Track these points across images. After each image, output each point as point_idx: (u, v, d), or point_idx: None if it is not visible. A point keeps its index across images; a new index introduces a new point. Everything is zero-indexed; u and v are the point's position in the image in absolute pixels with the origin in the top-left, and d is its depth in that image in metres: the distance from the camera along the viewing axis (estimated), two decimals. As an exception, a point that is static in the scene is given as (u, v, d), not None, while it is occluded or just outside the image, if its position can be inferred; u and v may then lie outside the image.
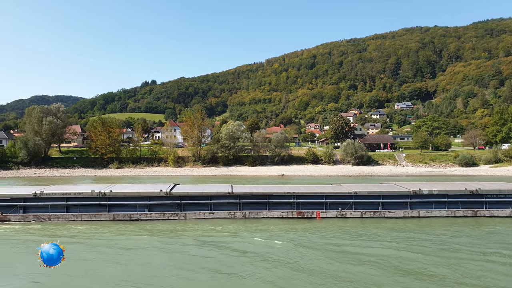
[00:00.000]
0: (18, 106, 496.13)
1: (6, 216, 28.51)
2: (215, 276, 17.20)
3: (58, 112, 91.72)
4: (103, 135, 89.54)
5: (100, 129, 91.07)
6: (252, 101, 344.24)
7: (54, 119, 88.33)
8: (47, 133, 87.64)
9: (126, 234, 24.99)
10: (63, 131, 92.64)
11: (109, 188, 30.63)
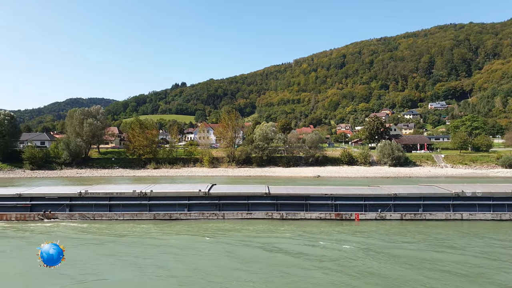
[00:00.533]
0: (54, 108, 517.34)
1: (54, 214, 29.68)
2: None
3: (97, 114, 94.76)
4: (140, 136, 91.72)
5: (138, 130, 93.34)
6: (280, 101, 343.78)
7: (94, 121, 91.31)
8: (87, 135, 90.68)
9: (182, 233, 25.40)
10: (102, 133, 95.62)
11: (150, 188, 31.25)
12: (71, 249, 21.72)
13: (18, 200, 30.41)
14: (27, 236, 25.14)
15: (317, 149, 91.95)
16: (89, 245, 22.66)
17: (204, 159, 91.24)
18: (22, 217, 29.71)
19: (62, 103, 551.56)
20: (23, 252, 21.63)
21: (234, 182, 66.94)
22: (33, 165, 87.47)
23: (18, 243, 23.64)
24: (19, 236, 25.18)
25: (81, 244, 22.92)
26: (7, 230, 26.74)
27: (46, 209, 29.78)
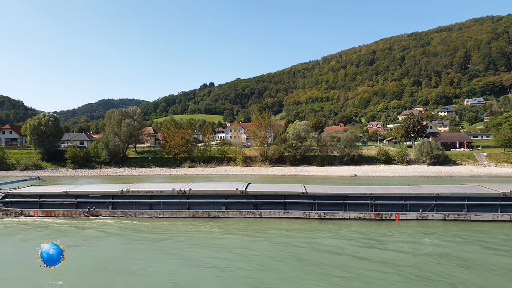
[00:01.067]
0: (87, 109, 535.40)
1: (98, 212, 30.67)
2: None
3: (134, 114, 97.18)
4: (176, 136, 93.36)
5: (173, 130, 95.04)
6: (308, 100, 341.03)
7: (132, 121, 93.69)
8: (125, 134, 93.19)
9: (234, 233, 25.54)
10: (139, 132, 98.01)
11: (188, 186, 31.61)
12: (131, 249, 22.46)
13: (65, 198, 31.61)
14: (90, 233, 25.99)
15: (353, 148, 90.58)
16: (146, 244, 23.06)
17: (237, 158, 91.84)
18: (68, 214, 30.92)
19: (95, 104, 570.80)
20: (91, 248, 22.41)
21: (268, 181, 66.97)
22: (74, 164, 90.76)
23: (76, 239, 24.52)
24: (77, 232, 26.13)
25: (137, 242, 23.40)
26: (63, 227, 27.81)
27: (90, 207, 30.87)
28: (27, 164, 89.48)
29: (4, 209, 31.74)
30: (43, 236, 25.11)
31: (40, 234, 25.69)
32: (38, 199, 31.95)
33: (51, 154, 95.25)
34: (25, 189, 34.77)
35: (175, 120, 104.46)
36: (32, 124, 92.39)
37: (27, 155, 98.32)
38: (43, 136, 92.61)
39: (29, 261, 18.86)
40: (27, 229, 27.18)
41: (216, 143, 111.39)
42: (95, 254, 21.21)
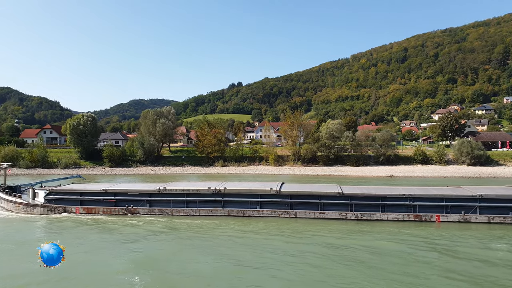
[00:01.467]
0: (119, 110, 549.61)
1: (136, 209, 31.42)
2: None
3: (169, 114, 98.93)
4: (209, 135, 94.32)
5: (206, 129, 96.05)
6: (338, 98, 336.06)
7: (166, 121, 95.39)
8: (160, 134, 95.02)
9: (282, 233, 25.35)
10: (173, 132, 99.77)
11: (223, 185, 31.74)
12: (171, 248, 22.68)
13: (104, 196, 32.63)
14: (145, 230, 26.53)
15: (388, 147, 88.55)
16: (198, 243, 23.18)
17: (269, 158, 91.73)
18: (108, 211, 31.90)
19: (126, 104, 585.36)
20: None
21: (301, 181, 66.44)
22: (111, 163, 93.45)
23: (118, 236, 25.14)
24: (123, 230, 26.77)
25: (188, 241, 23.54)
26: (107, 224, 28.59)
27: (129, 204, 31.71)
28: (67, 162, 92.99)
29: (48, 206, 33.13)
30: (97, 232, 26.03)
31: (96, 230, 26.72)
32: (79, 197, 33.21)
33: (89, 153, 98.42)
34: (67, 186, 36.20)
35: (208, 120, 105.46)
36: (72, 124, 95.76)
37: (66, 154, 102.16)
38: (82, 135, 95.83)
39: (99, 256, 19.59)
40: (83, 226, 28.12)
41: (246, 143, 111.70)
42: (150, 254, 21.34)
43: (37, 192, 34.78)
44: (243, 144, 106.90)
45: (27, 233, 27.15)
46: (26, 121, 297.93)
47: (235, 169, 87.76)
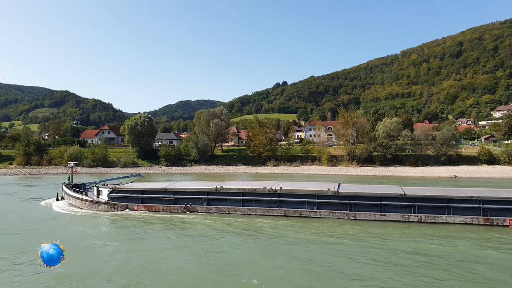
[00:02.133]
0: (167, 110, 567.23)
1: (194, 207, 31.86)
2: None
3: (221, 114, 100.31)
4: (260, 135, 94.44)
5: (258, 129, 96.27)
6: (388, 96, 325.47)
7: (219, 121, 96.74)
8: (213, 134, 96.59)
9: (364, 234, 24.42)
10: (226, 132, 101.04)
11: (278, 185, 31.52)
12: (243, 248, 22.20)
13: (163, 194, 33.31)
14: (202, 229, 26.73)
15: (450, 147, 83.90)
16: (274, 245, 22.81)
17: (322, 158, 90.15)
18: (167, 209, 32.60)
19: (174, 105, 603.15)
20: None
21: (358, 181, 64.46)
22: (167, 162, 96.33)
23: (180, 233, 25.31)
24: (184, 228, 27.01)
25: (265, 243, 23.22)
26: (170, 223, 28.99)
27: (187, 203, 32.22)
28: (126, 161, 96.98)
29: (112, 203, 34.47)
30: (161, 229, 26.52)
31: (160, 227, 27.28)
32: (140, 195, 34.29)
33: (146, 153, 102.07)
34: (128, 185, 37.38)
35: (259, 120, 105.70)
36: (130, 125, 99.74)
37: (124, 153, 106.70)
38: (139, 135, 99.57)
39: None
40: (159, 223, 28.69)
41: (295, 142, 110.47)
42: (226, 256, 20.83)
43: (101, 190, 36.35)
44: (294, 143, 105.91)
45: (106, 229, 28.27)
46: (82, 122, 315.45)
47: (287, 169, 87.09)
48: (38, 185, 62.45)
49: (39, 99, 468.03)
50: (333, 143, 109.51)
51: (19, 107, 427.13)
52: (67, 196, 39.52)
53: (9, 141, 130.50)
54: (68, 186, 41.21)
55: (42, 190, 54.23)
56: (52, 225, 29.83)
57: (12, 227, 28.59)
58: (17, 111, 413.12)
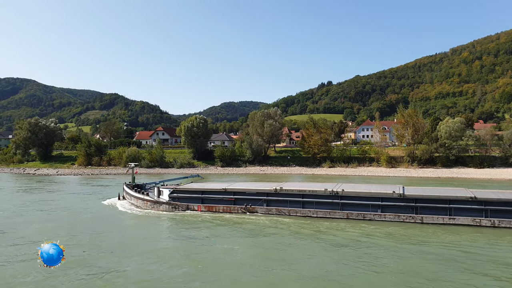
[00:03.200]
0: (211, 112, 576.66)
1: (254, 208, 31.82)
2: None
3: (275, 115, 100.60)
4: (315, 135, 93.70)
5: (312, 130, 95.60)
6: (438, 95, 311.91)
7: (274, 122, 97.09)
8: (267, 135, 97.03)
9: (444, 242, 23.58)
10: (280, 133, 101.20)
11: (340, 187, 31.15)
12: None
13: (223, 194, 33.57)
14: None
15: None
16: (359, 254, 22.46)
17: (381, 159, 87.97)
18: (228, 209, 32.73)
19: (218, 107, 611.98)
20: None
21: (422, 183, 62.04)
22: (222, 162, 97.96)
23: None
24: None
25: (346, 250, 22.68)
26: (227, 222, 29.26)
27: (247, 203, 32.24)
28: (182, 162, 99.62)
29: (173, 203, 35.14)
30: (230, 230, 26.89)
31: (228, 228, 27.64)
32: (200, 195, 34.81)
33: (201, 153, 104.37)
34: (188, 185, 38.15)
35: (314, 120, 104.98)
36: (186, 126, 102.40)
37: (179, 154, 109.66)
38: (195, 136, 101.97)
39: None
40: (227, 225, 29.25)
41: (345, 143, 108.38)
42: (307, 266, 19.58)
43: (162, 190, 37.27)
44: (350, 144, 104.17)
45: (173, 230, 28.97)
46: (131, 123, 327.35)
47: (344, 170, 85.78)
48: (100, 185, 65.34)
49: (90, 102, 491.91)
50: (387, 144, 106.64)
51: (72, 110, 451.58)
52: (129, 196, 40.82)
53: (69, 142, 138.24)
54: (129, 186, 42.60)
55: (104, 189, 56.80)
56: (120, 225, 31.27)
57: (85, 225, 30.10)
58: (70, 114, 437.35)
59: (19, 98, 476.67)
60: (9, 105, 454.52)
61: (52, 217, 34.33)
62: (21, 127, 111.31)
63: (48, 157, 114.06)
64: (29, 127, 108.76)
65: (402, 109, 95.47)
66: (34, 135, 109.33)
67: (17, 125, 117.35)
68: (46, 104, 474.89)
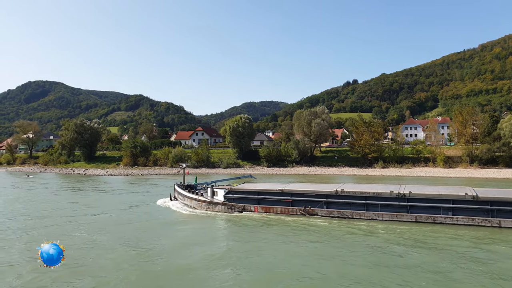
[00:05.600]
0: (233, 112, 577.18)
1: (313, 210, 30.85)
2: None
3: (322, 114, 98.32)
4: (366, 134, 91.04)
5: (362, 128, 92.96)
6: (470, 92, 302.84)
7: (321, 121, 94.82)
8: (315, 134, 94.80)
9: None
10: (327, 132, 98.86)
11: (407, 188, 29.79)
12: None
13: (281, 195, 32.61)
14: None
15: None
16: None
17: (437, 159, 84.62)
18: (286, 211, 31.81)
19: (239, 107, 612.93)
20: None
21: (487, 185, 58.68)
22: (268, 162, 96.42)
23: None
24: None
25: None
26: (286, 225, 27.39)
27: (306, 205, 31.21)
28: (228, 162, 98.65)
29: (229, 204, 34.20)
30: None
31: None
32: (256, 196, 33.68)
33: (245, 153, 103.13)
34: (243, 186, 37.06)
35: (364, 119, 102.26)
36: (231, 126, 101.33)
37: (222, 154, 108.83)
38: (240, 136, 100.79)
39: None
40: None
41: (397, 142, 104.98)
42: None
43: (216, 191, 36.32)
44: (402, 143, 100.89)
45: (240, 231, 27.92)
46: (158, 124, 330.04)
47: (399, 171, 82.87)
48: (150, 185, 65.58)
49: (115, 103, 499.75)
50: (433, 143, 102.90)
51: (98, 111, 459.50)
52: (181, 196, 40.25)
53: (109, 143, 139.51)
54: (181, 187, 42.10)
55: (155, 189, 56.75)
56: (180, 226, 30.68)
57: (144, 225, 30.01)
58: (97, 115, 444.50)
59: (49, 101, 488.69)
60: (39, 107, 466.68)
61: (113, 218, 33.99)
62: (67, 128, 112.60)
63: (92, 157, 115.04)
64: (75, 127, 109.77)
65: (459, 107, 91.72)
66: (79, 136, 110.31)
67: (63, 126, 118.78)
68: (73, 105, 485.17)
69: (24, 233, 27.24)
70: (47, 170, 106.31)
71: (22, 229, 28.63)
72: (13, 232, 27.64)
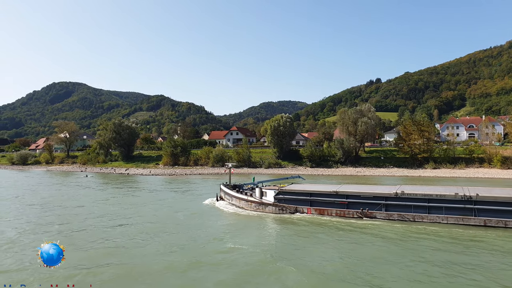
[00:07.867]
0: (251, 112, 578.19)
1: (371, 213, 29.69)
2: None
3: (369, 112, 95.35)
4: (415, 134, 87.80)
5: (411, 128, 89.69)
6: (501, 91, 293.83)
7: (368, 120, 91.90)
8: (361, 133, 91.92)
9: None
10: (374, 131, 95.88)
11: (473, 190, 28.34)
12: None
13: (335, 197, 31.38)
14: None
15: None
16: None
17: (494, 159, 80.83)
18: (341, 214, 30.70)
19: (257, 107, 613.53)
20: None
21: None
22: (311, 162, 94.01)
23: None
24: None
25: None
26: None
27: (363, 207, 30.07)
28: (270, 162, 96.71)
29: (280, 205, 33.40)
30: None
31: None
32: (309, 197, 32.46)
33: (285, 153, 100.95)
34: (293, 186, 35.85)
35: (413, 118, 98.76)
36: (272, 126, 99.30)
37: (261, 153, 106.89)
38: (281, 136, 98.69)
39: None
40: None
41: (449, 142, 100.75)
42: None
43: (265, 191, 35.25)
44: (454, 143, 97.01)
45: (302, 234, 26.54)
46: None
47: (453, 172, 79.39)
48: (194, 184, 65.28)
49: (137, 103, 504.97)
50: (485, 143, 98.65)
51: (121, 111, 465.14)
52: (229, 196, 39.49)
53: (143, 142, 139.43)
54: (228, 187, 41.44)
55: (199, 189, 56.67)
56: (232, 227, 29.61)
57: (197, 225, 29.65)
58: (120, 115, 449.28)
59: (72, 101, 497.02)
60: (63, 108, 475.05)
61: (164, 218, 33.64)
62: (105, 127, 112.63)
63: (130, 157, 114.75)
64: (114, 127, 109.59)
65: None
66: (118, 135, 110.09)
67: (101, 126, 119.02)
68: (96, 106, 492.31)
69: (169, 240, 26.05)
70: (87, 169, 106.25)
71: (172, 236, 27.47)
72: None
